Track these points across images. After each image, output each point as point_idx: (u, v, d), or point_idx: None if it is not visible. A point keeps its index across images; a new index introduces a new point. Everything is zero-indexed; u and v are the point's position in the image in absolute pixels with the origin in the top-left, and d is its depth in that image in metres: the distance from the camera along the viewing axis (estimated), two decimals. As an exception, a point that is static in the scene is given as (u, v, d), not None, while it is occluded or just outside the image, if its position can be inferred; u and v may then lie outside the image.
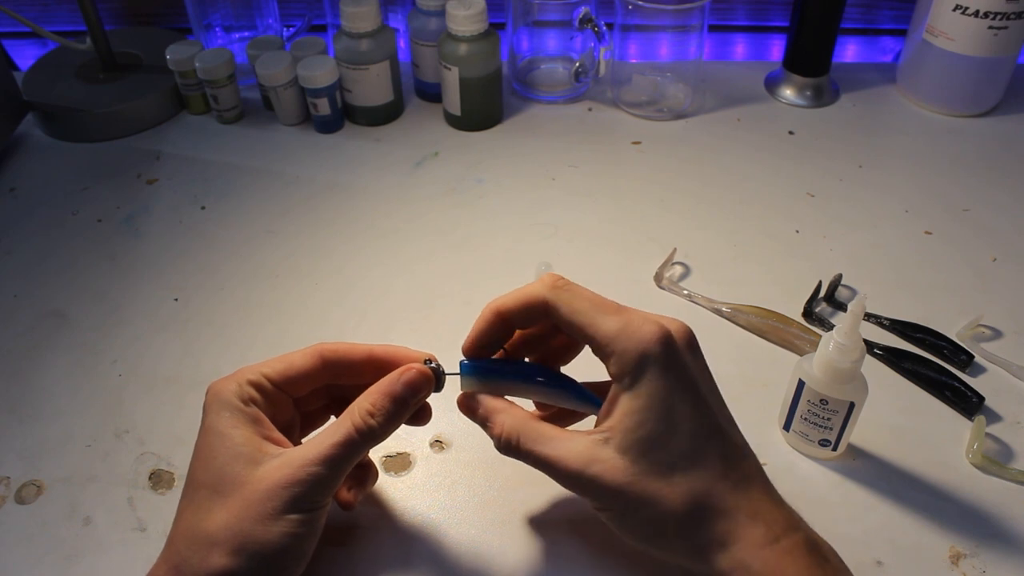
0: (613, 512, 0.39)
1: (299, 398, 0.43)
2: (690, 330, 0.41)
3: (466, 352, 0.43)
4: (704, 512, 0.38)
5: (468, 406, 0.43)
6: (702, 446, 0.39)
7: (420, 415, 0.43)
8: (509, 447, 0.41)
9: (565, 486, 0.40)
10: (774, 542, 0.38)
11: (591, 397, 0.43)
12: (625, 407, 0.39)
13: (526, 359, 0.45)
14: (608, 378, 0.40)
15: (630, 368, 0.38)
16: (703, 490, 0.38)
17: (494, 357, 0.44)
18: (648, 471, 0.38)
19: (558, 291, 0.41)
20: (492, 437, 0.41)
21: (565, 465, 0.39)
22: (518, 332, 0.44)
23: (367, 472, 0.46)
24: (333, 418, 0.47)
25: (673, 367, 0.39)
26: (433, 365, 0.42)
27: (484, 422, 0.42)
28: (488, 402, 0.42)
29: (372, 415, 0.39)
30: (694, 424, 0.39)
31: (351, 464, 0.40)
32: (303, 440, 0.45)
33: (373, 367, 0.42)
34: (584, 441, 0.39)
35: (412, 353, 0.43)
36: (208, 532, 0.37)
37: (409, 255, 0.66)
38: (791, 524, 0.39)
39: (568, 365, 0.46)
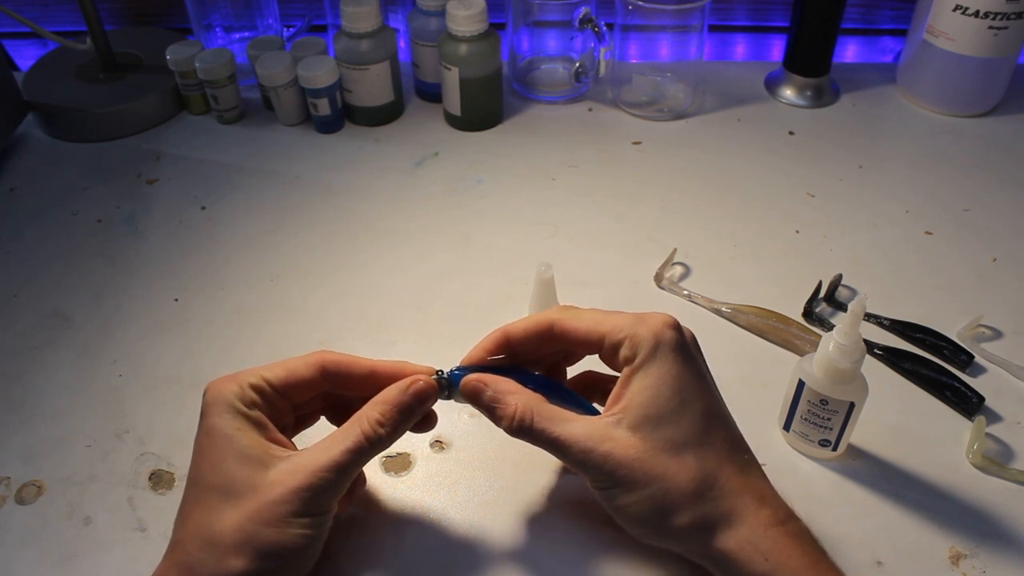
0: (621, 490, 0.39)
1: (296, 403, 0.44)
2: (693, 333, 0.43)
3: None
4: (712, 491, 0.39)
5: (474, 388, 0.42)
6: (711, 427, 0.40)
7: (425, 422, 0.44)
8: (522, 426, 0.40)
9: (574, 467, 0.41)
10: (781, 524, 0.39)
11: (586, 404, 0.44)
12: (637, 385, 0.40)
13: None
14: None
15: (644, 348, 0.40)
16: (711, 470, 0.39)
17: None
18: (659, 447, 0.39)
19: (564, 310, 0.43)
20: (503, 418, 0.41)
21: (577, 444, 0.39)
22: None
23: (358, 477, 0.46)
24: (325, 419, 0.47)
25: (684, 352, 0.41)
26: (441, 376, 0.43)
27: (492, 403, 0.41)
28: (498, 383, 0.42)
29: (381, 424, 0.40)
30: (703, 405, 0.40)
31: (359, 469, 0.40)
32: (292, 438, 0.46)
33: (375, 383, 0.43)
34: (596, 423, 0.40)
35: (417, 368, 0.43)
36: (222, 535, 0.37)
37: (409, 255, 0.66)
38: (791, 513, 0.40)
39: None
